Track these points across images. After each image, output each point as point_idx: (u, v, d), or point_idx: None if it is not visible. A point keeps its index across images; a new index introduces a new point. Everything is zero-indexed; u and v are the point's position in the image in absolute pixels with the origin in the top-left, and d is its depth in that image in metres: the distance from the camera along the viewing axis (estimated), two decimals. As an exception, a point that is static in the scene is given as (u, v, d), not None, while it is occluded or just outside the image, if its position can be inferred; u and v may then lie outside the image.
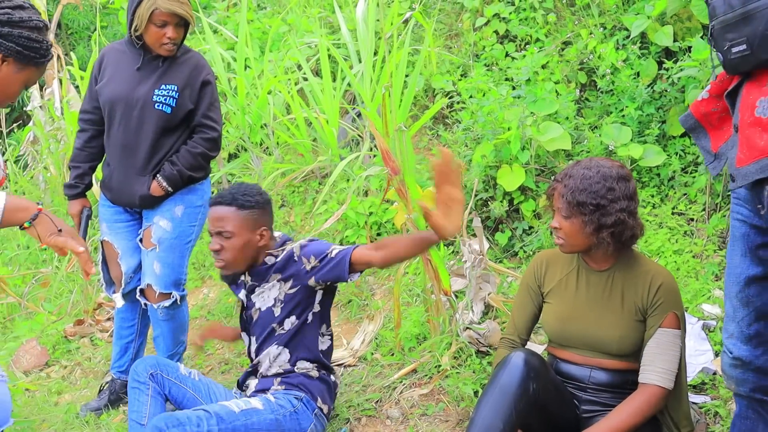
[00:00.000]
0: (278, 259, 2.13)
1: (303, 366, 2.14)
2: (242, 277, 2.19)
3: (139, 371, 2.10)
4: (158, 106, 2.42)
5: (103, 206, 2.60)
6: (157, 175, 2.45)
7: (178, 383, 2.13)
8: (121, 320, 2.68)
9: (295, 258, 2.10)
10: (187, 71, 2.46)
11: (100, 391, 2.76)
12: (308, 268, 2.08)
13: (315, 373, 2.15)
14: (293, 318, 2.12)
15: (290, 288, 2.11)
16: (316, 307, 2.14)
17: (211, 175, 2.65)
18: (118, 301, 2.61)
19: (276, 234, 2.22)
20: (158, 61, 2.46)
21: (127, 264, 2.57)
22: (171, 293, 2.51)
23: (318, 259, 2.07)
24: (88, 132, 2.58)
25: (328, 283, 2.12)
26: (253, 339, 2.18)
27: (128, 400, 2.10)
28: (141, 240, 2.55)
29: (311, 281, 2.09)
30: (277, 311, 2.12)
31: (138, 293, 2.56)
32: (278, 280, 2.12)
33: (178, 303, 2.55)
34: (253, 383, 2.19)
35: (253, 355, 2.20)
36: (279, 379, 2.13)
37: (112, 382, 2.72)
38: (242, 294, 2.20)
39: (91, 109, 2.56)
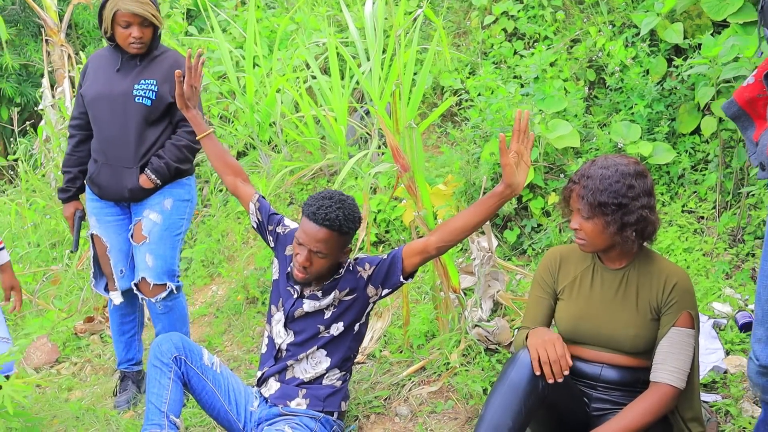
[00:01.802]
0: (342, 276, 2.10)
1: (334, 374, 2.11)
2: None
3: (163, 350, 2.01)
4: (138, 99, 2.51)
5: (92, 200, 2.65)
6: (146, 169, 2.52)
7: (200, 374, 2.05)
8: (120, 316, 2.71)
9: (350, 268, 2.10)
10: (165, 66, 2.55)
11: (115, 392, 2.77)
12: (365, 276, 2.08)
13: (339, 383, 2.12)
14: (340, 324, 2.10)
15: (346, 295, 2.09)
16: (363, 319, 2.14)
17: None
18: (116, 298, 2.63)
19: None
20: (136, 60, 2.56)
21: (115, 257, 2.60)
22: (166, 284, 2.54)
23: (373, 265, 2.08)
24: (75, 137, 2.68)
25: (385, 291, 2.09)
26: (291, 333, 2.12)
27: (147, 379, 2.02)
28: (132, 236, 2.58)
29: (369, 289, 2.08)
30: (328, 314, 2.09)
31: (134, 288, 2.58)
32: (336, 290, 2.10)
33: (175, 293, 2.57)
34: (274, 386, 2.12)
35: (283, 345, 2.12)
36: (304, 390, 2.09)
37: (127, 377, 2.74)
38: (294, 291, 2.13)
39: (78, 115, 2.66)
